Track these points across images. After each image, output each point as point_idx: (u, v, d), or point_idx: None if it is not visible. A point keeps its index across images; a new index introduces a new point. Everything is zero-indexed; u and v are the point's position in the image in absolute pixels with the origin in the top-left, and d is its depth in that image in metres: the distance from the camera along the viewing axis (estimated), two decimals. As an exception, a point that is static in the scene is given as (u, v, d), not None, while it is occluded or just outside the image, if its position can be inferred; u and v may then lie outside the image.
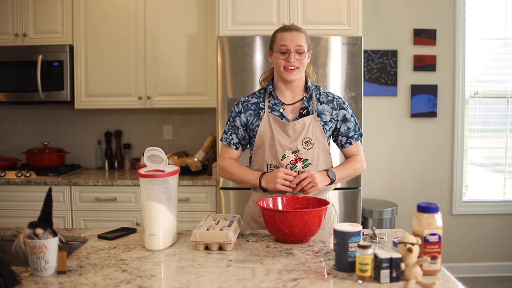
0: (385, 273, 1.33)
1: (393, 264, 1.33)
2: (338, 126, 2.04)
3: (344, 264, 1.43)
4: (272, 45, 2.00)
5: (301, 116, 1.99)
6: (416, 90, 3.81)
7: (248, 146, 2.11)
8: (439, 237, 1.40)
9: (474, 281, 3.79)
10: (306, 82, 2.04)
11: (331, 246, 1.51)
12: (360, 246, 1.36)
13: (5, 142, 3.97)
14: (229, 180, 2.38)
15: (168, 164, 1.75)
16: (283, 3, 3.16)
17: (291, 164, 1.96)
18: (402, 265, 1.33)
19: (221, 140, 2.09)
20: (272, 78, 2.06)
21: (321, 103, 2.01)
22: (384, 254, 1.34)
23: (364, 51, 3.70)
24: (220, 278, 1.39)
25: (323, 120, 2.00)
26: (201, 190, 3.35)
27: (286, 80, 1.98)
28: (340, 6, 3.15)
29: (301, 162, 1.96)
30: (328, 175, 1.95)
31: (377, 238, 1.74)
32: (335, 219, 2.10)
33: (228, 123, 2.07)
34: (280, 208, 1.86)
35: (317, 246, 1.70)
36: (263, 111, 2.01)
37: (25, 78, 3.53)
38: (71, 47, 3.56)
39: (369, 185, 3.85)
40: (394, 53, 3.77)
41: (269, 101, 2.02)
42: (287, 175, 1.90)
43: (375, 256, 1.34)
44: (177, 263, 1.55)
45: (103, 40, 3.57)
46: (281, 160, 1.96)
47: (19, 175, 3.42)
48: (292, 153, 1.96)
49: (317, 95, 2.03)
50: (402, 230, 1.88)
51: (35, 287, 1.34)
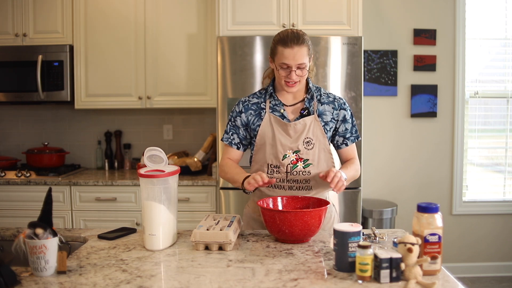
0: (385, 273, 1.33)
1: (393, 264, 1.33)
2: (337, 126, 2.04)
3: (344, 264, 1.43)
4: (273, 56, 1.94)
5: (302, 117, 1.99)
6: (416, 90, 3.81)
7: (249, 147, 2.11)
8: (439, 237, 1.41)
9: (474, 281, 3.79)
10: (307, 83, 2.04)
11: (331, 246, 1.51)
12: (360, 246, 1.36)
13: (5, 142, 3.97)
14: (226, 181, 2.37)
15: (168, 164, 1.75)
16: (283, 3, 3.16)
17: (292, 164, 1.96)
18: (402, 265, 1.33)
19: (222, 140, 2.08)
20: (273, 78, 2.06)
21: (322, 104, 2.01)
22: (384, 254, 1.34)
23: (364, 51, 3.70)
24: (220, 278, 1.39)
25: (324, 121, 1.99)
26: (201, 190, 3.35)
27: (287, 92, 1.98)
28: (340, 6, 3.15)
29: (302, 162, 1.96)
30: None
31: (377, 238, 1.75)
32: (336, 219, 2.10)
33: (229, 123, 2.07)
34: (280, 208, 1.86)
35: (317, 246, 1.70)
36: (264, 111, 2.01)
37: (25, 78, 3.53)
38: (71, 47, 3.56)
39: (369, 185, 3.85)
40: (394, 53, 3.77)
41: (270, 102, 2.02)
42: (258, 177, 1.80)
43: (375, 256, 1.34)
44: (177, 263, 1.55)
45: (103, 40, 3.57)
46: (282, 160, 1.96)
47: (19, 175, 3.42)
48: (293, 153, 1.96)
49: (318, 96, 2.02)
50: (402, 230, 1.88)
51: (35, 287, 1.34)
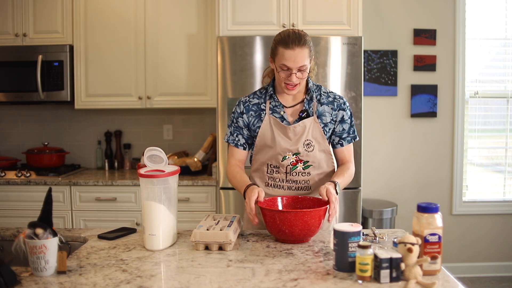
0: (385, 273, 1.33)
1: (393, 264, 1.33)
2: (335, 126, 2.03)
3: (344, 264, 1.43)
4: (274, 56, 1.92)
5: (301, 119, 1.98)
6: (416, 90, 3.81)
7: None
8: (439, 237, 1.41)
9: (474, 281, 3.79)
10: (307, 83, 2.02)
11: (331, 246, 1.51)
12: (360, 246, 1.36)
13: (5, 142, 3.97)
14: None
15: (168, 164, 1.75)
16: (283, 3, 3.16)
17: (292, 165, 1.96)
18: (402, 265, 1.33)
19: (228, 142, 2.06)
20: (273, 78, 2.05)
21: (322, 104, 2.00)
22: (384, 254, 1.34)
23: (364, 51, 3.69)
24: (220, 278, 1.39)
25: (323, 122, 1.99)
26: (201, 190, 3.35)
27: (287, 94, 1.97)
28: (340, 6, 3.15)
29: (302, 163, 1.96)
30: (336, 190, 1.83)
31: (377, 238, 1.74)
32: (336, 219, 2.10)
33: (232, 125, 2.05)
34: (280, 208, 1.86)
35: (317, 246, 1.70)
36: (264, 112, 2.01)
37: (25, 78, 3.52)
38: (71, 47, 3.56)
39: (369, 185, 3.85)
40: (394, 53, 3.77)
41: (270, 103, 2.02)
42: (251, 209, 1.77)
43: (375, 256, 1.34)
44: (177, 263, 1.55)
45: (103, 40, 3.57)
46: (282, 161, 1.96)
47: (19, 175, 3.42)
48: (293, 155, 1.96)
49: (318, 96, 2.01)
50: (402, 230, 1.88)
51: (35, 287, 1.34)
